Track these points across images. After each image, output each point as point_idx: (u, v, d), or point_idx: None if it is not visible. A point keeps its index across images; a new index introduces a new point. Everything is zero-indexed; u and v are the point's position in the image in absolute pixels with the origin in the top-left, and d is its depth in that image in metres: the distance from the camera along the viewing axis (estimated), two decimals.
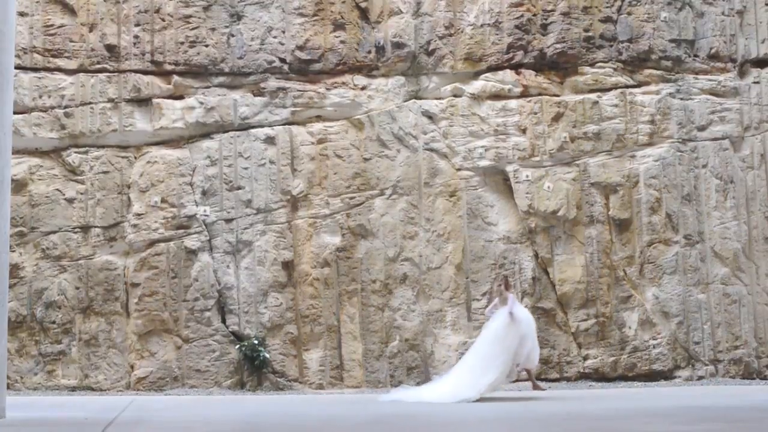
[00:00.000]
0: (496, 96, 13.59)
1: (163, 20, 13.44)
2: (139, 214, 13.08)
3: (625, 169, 13.37)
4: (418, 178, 13.36)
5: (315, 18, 13.59)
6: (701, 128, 13.54)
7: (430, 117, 13.50)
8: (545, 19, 13.66)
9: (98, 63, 13.34)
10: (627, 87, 13.63)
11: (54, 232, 13.02)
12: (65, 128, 13.19)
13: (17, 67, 12.13)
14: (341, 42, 13.58)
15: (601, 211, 13.31)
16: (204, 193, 13.21)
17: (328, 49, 13.56)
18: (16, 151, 12.21)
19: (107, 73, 13.33)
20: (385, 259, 13.14)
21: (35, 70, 13.26)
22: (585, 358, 13.02)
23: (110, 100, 13.27)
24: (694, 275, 13.18)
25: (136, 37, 13.38)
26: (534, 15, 13.66)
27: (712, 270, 13.21)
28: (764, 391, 11.59)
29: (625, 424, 7.98)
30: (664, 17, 13.69)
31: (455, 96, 13.61)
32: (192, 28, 13.46)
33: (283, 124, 13.47)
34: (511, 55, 13.63)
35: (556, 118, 13.46)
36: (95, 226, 13.06)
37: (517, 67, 13.65)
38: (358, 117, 13.51)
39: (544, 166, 13.39)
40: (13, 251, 12.55)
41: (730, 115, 13.59)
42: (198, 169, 13.26)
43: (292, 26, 13.57)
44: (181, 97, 13.42)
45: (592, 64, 13.66)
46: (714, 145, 13.50)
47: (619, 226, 13.28)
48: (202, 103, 13.37)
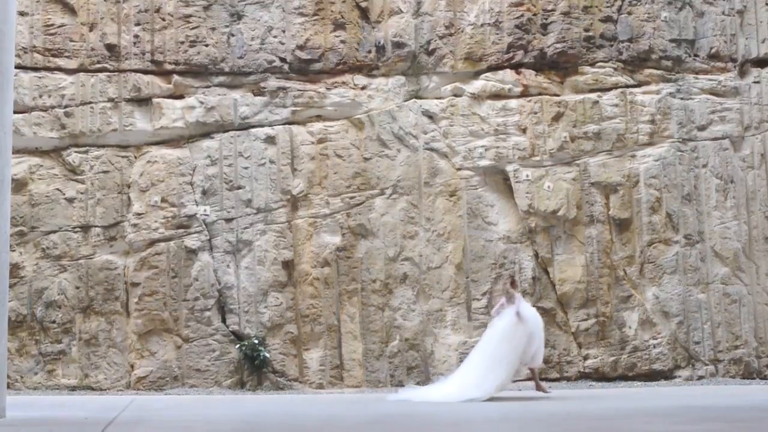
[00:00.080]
0: (497, 96, 13.59)
1: (164, 20, 13.44)
2: (139, 214, 13.08)
3: (626, 168, 13.37)
4: (418, 178, 13.36)
5: (315, 18, 13.59)
6: (701, 128, 13.54)
7: (431, 117, 13.50)
8: (545, 19, 13.65)
9: (98, 62, 13.34)
10: (627, 87, 13.63)
11: (54, 232, 13.02)
12: (65, 128, 13.19)
13: (17, 67, 12.13)
14: (341, 42, 13.58)
15: (602, 211, 13.31)
16: (204, 193, 13.21)
17: (329, 48, 13.56)
18: (17, 151, 12.21)
19: (107, 73, 13.33)
20: (386, 258, 13.14)
21: (35, 69, 13.26)
22: (585, 358, 13.02)
23: (110, 100, 13.27)
24: (695, 275, 13.17)
25: (137, 37, 13.38)
26: (534, 15, 13.66)
27: (713, 270, 13.21)
28: (764, 391, 11.59)
29: (625, 424, 7.98)
30: (665, 17, 13.69)
31: (455, 96, 13.61)
32: (192, 28, 13.46)
33: (284, 124, 13.47)
34: (511, 55, 13.63)
35: (557, 117, 13.46)
36: (95, 226, 13.06)
37: (517, 67, 13.65)
38: (358, 117, 13.51)
39: (545, 166, 13.39)
40: (14, 251, 12.55)
41: (730, 115, 13.59)
42: (198, 169, 13.26)
43: (293, 26, 13.57)
44: (181, 97, 13.42)
45: (593, 64, 13.65)
46: (714, 145, 13.50)
47: (620, 226, 13.28)
48: (202, 103, 13.37)
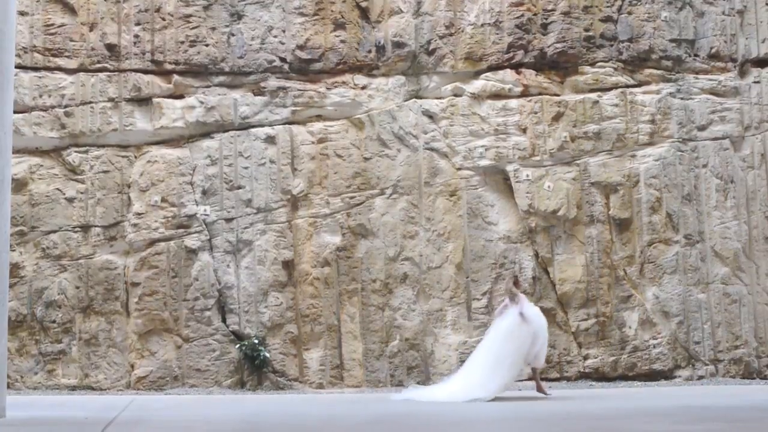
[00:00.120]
0: (497, 95, 13.59)
1: (164, 19, 13.44)
2: (139, 214, 13.08)
3: (626, 168, 13.37)
4: (418, 178, 13.36)
5: (315, 17, 13.59)
6: (701, 128, 13.53)
7: (431, 116, 13.50)
8: (545, 19, 13.65)
9: (98, 62, 13.34)
10: (627, 86, 13.63)
11: (54, 232, 13.02)
12: (65, 127, 13.19)
13: (17, 67, 12.13)
14: (342, 41, 13.58)
15: (602, 211, 13.31)
16: (204, 193, 13.21)
17: (329, 48, 13.56)
18: (17, 151, 12.21)
19: (107, 73, 13.33)
20: (386, 258, 13.14)
21: (35, 69, 13.26)
22: (585, 358, 13.02)
23: (110, 100, 13.27)
24: (695, 275, 13.17)
25: (137, 37, 13.38)
26: (534, 14, 13.66)
27: (713, 270, 13.21)
28: (764, 391, 11.59)
29: (625, 424, 7.98)
30: (665, 17, 13.69)
31: (455, 95, 13.61)
32: (192, 28, 13.46)
33: (284, 124, 13.47)
34: (511, 55, 13.63)
35: (557, 117, 13.46)
36: (95, 226, 13.06)
37: (517, 67, 13.64)
38: (358, 116, 13.50)
39: (545, 166, 13.39)
40: (14, 250, 12.55)
41: (730, 115, 13.59)
42: (198, 169, 13.26)
43: (293, 26, 13.57)
44: (181, 97, 13.42)
45: (593, 64, 13.65)
46: (714, 145, 13.50)
47: (620, 226, 13.28)
48: (202, 103, 13.37)
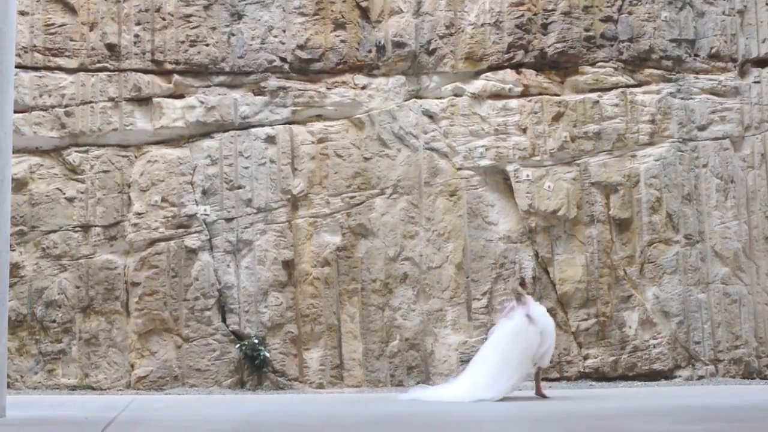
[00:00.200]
0: (497, 95, 13.58)
1: (164, 19, 13.44)
2: (139, 214, 13.08)
3: (626, 168, 13.36)
4: (418, 178, 13.36)
5: (315, 17, 13.59)
6: (702, 128, 13.53)
7: (431, 116, 13.50)
8: (546, 19, 13.65)
9: (99, 62, 13.34)
10: (627, 86, 13.63)
11: (54, 231, 13.02)
12: (66, 127, 13.20)
13: (18, 66, 12.13)
14: (342, 41, 13.58)
15: (602, 211, 13.31)
16: (204, 193, 13.21)
17: (329, 48, 13.56)
18: (17, 150, 12.22)
19: (108, 72, 13.34)
20: (386, 258, 13.14)
21: (36, 69, 13.26)
22: (585, 358, 13.02)
23: (111, 99, 13.27)
24: (695, 275, 13.17)
25: (137, 36, 13.38)
26: (534, 14, 13.66)
27: (713, 270, 13.20)
28: (764, 391, 11.60)
29: (625, 424, 7.98)
30: (665, 17, 13.69)
31: (456, 95, 13.61)
32: (192, 28, 13.46)
33: (284, 124, 13.47)
34: (511, 55, 13.63)
35: (557, 117, 13.46)
36: (95, 225, 13.06)
37: (517, 67, 13.64)
38: (358, 116, 13.51)
39: (545, 166, 13.39)
40: (14, 250, 12.55)
41: (730, 115, 13.59)
42: (198, 169, 13.26)
43: (293, 25, 13.57)
44: (181, 97, 13.42)
45: (593, 64, 13.65)
46: (714, 145, 13.50)
47: (620, 226, 13.28)
48: (202, 103, 13.37)
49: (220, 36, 13.48)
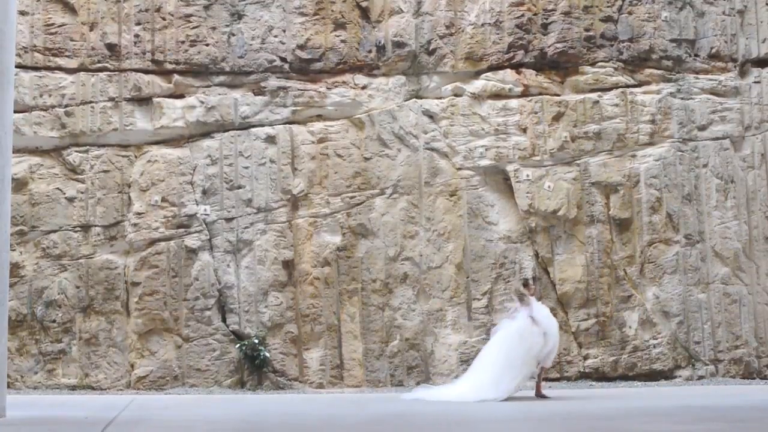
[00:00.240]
0: (497, 95, 13.58)
1: (164, 19, 13.44)
2: (139, 213, 13.08)
3: (626, 168, 13.36)
4: (418, 178, 13.36)
5: (316, 17, 13.59)
6: (702, 128, 13.53)
7: (431, 116, 13.50)
8: (546, 19, 13.65)
9: (99, 62, 13.34)
10: (627, 86, 13.63)
11: (54, 231, 13.02)
12: (66, 127, 13.20)
13: (18, 66, 12.13)
14: (342, 41, 13.58)
15: (602, 211, 13.31)
16: (204, 192, 13.21)
17: (329, 48, 13.56)
18: (17, 150, 12.22)
19: (108, 72, 13.34)
20: (386, 258, 13.14)
21: (36, 68, 13.27)
22: (585, 358, 13.02)
23: (111, 99, 13.27)
24: (695, 275, 13.17)
25: (137, 36, 13.38)
26: (535, 14, 13.66)
27: (713, 270, 13.20)
28: (764, 391, 11.59)
29: (625, 424, 7.98)
30: (665, 17, 13.69)
31: (456, 95, 13.61)
32: (193, 27, 13.46)
33: (284, 124, 13.47)
34: (511, 55, 13.62)
35: (557, 117, 13.46)
36: (96, 225, 13.07)
37: (517, 67, 13.64)
38: (358, 116, 13.51)
39: (545, 166, 13.39)
40: (14, 250, 12.55)
41: (730, 115, 13.58)
42: (198, 168, 13.26)
43: (293, 25, 13.57)
44: (181, 96, 13.42)
45: (593, 64, 13.65)
46: (714, 145, 13.50)
47: (620, 226, 13.28)
48: (202, 102, 13.37)
49: (220, 36, 13.48)
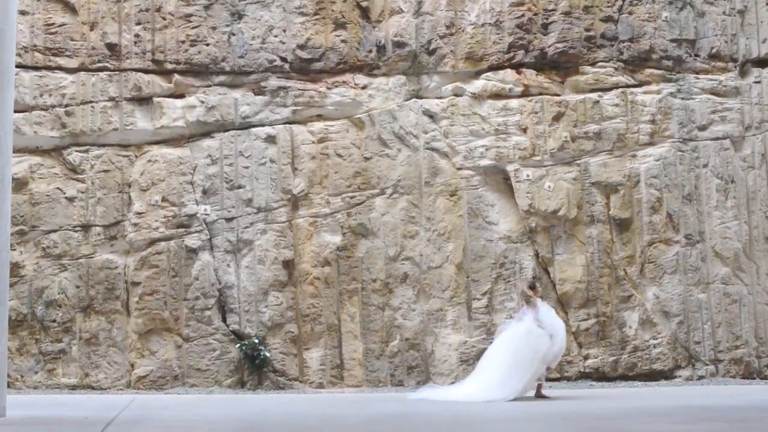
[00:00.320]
0: (497, 95, 13.58)
1: (164, 19, 13.44)
2: (139, 213, 13.08)
3: (626, 168, 13.36)
4: (418, 178, 13.36)
5: (316, 17, 13.59)
6: (702, 128, 13.53)
7: (431, 116, 13.50)
8: (546, 19, 13.65)
9: (99, 62, 13.34)
10: (628, 86, 13.63)
11: (54, 231, 13.02)
12: (66, 127, 13.20)
13: (18, 66, 12.12)
14: (342, 41, 13.58)
15: (602, 211, 13.31)
16: (205, 192, 13.21)
17: (329, 48, 13.56)
18: (17, 150, 12.22)
19: (108, 72, 13.34)
20: (386, 258, 13.14)
21: (36, 68, 13.27)
22: (585, 358, 13.02)
23: (111, 99, 13.27)
24: (695, 275, 13.17)
25: (137, 36, 13.38)
26: (535, 14, 13.66)
27: (713, 270, 13.20)
28: (764, 391, 11.60)
29: (625, 424, 7.98)
30: (665, 17, 13.69)
31: (456, 95, 13.60)
32: (193, 27, 13.46)
33: (284, 123, 13.47)
34: (512, 55, 13.62)
35: (557, 117, 13.46)
36: (96, 225, 13.07)
37: (518, 67, 13.64)
38: (358, 116, 13.50)
39: (545, 166, 13.39)
40: (14, 250, 12.55)
41: (731, 115, 13.58)
42: (199, 168, 13.26)
43: (293, 25, 13.57)
44: (182, 96, 13.42)
45: (593, 64, 13.65)
46: (715, 145, 13.50)
47: (620, 226, 13.28)
48: (202, 102, 13.37)
49: (220, 36, 13.48)
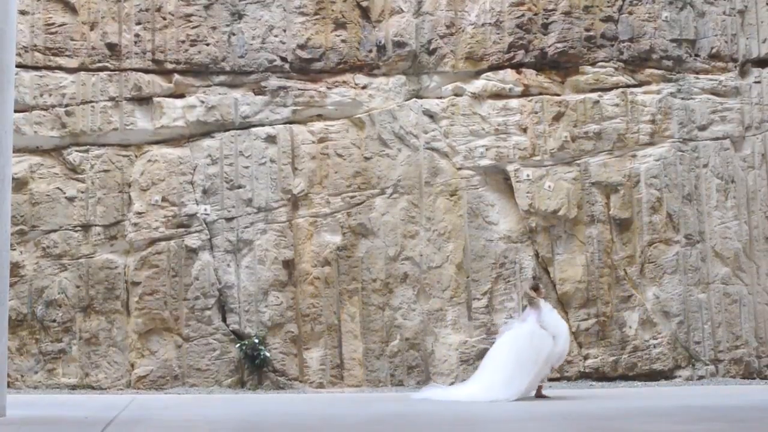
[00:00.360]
0: (497, 95, 13.58)
1: (164, 19, 13.44)
2: (139, 213, 13.08)
3: (626, 168, 13.36)
4: (418, 177, 13.36)
5: (316, 17, 13.59)
6: (702, 128, 13.53)
7: (431, 116, 13.50)
8: (546, 19, 13.65)
9: (99, 61, 13.34)
10: (628, 86, 13.63)
11: (55, 231, 13.02)
12: (66, 127, 13.20)
13: (18, 66, 12.12)
14: (342, 41, 13.58)
15: (602, 211, 13.31)
16: (205, 192, 13.21)
17: (329, 48, 13.56)
18: (17, 150, 12.22)
19: (108, 72, 13.33)
20: (386, 258, 13.14)
21: (36, 68, 13.26)
22: (585, 358, 13.02)
23: (111, 99, 13.27)
24: (695, 275, 13.17)
25: (137, 36, 13.38)
26: (535, 14, 13.66)
27: (713, 270, 13.20)
28: (764, 391, 11.60)
29: (625, 424, 7.98)
30: (665, 17, 13.69)
31: (456, 95, 13.60)
32: (193, 27, 13.46)
33: (284, 123, 13.47)
34: (512, 55, 13.62)
35: (557, 117, 13.46)
36: (96, 225, 13.07)
37: (518, 67, 13.64)
38: (359, 116, 13.50)
39: (545, 166, 13.39)
40: (14, 250, 12.55)
41: (731, 115, 13.58)
42: (199, 168, 13.26)
43: (293, 25, 13.57)
44: (182, 96, 13.42)
45: (593, 64, 13.65)
46: (715, 145, 13.50)
47: (620, 226, 13.28)
48: (203, 102, 13.37)
49: (220, 35, 13.48)
